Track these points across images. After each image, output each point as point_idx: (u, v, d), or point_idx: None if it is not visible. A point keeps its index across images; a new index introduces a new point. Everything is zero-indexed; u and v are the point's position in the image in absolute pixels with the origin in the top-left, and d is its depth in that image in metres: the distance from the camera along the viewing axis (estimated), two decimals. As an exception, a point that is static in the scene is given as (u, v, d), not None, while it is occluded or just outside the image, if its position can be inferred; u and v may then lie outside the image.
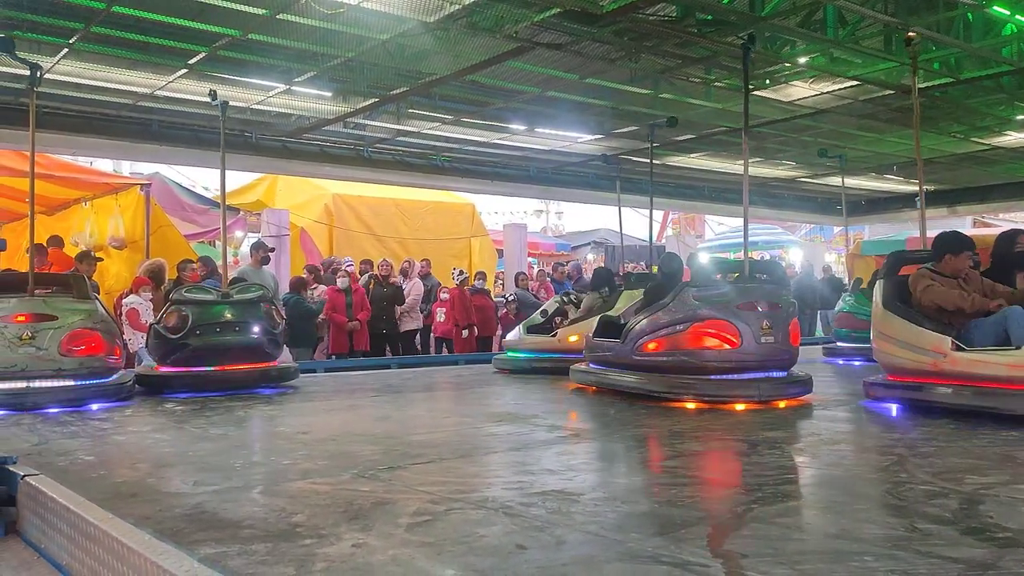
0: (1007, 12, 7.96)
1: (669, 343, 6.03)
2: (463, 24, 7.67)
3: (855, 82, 9.73)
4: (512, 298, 12.54)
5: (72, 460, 3.96)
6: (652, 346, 6.14)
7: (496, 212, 30.26)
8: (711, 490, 3.45)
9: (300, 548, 2.45)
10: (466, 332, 11.71)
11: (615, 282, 9.23)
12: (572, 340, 8.58)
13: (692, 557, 2.32)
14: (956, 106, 10.99)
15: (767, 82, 9.70)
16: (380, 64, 9.01)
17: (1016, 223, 22.85)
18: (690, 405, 5.69)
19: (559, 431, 4.99)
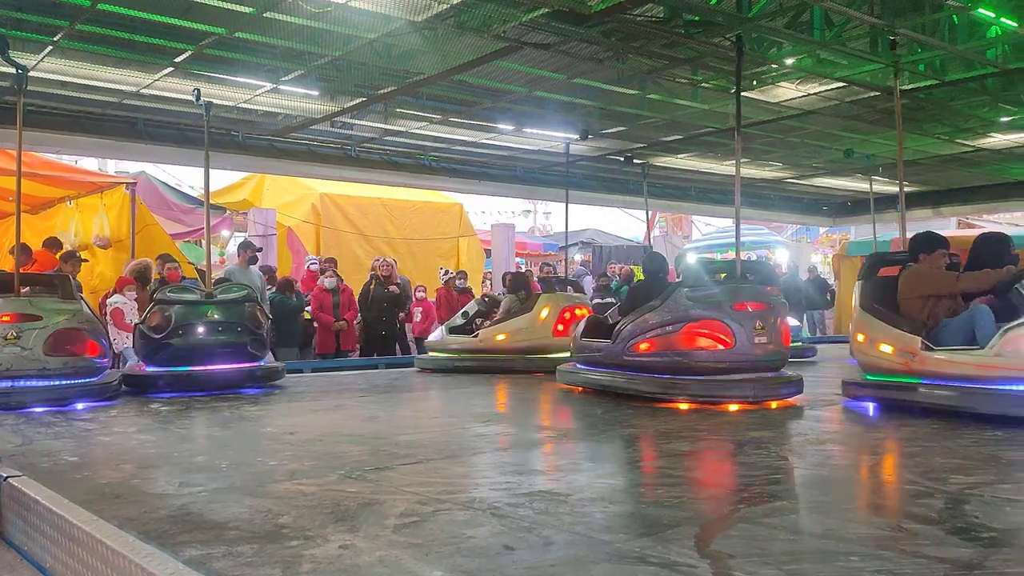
0: (992, 14, 8.01)
1: (661, 343, 5.98)
2: (451, 24, 7.67)
3: (841, 83, 9.78)
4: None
5: (56, 461, 3.92)
6: (644, 346, 6.08)
7: (484, 212, 30.27)
8: (699, 490, 3.45)
9: (286, 549, 2.44)
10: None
11: (529, 286, 9.55)
12: (498, 339, 8.85)
13: (679, 558, 2.32)
14: (941, 108, 11.06)
15: (754, 83, 9.74)
16: (368, 63, 9.00)
17: (999, 224, 23.05)
18: (682, 406, 5.65)
19: (547, 431, 4.99)
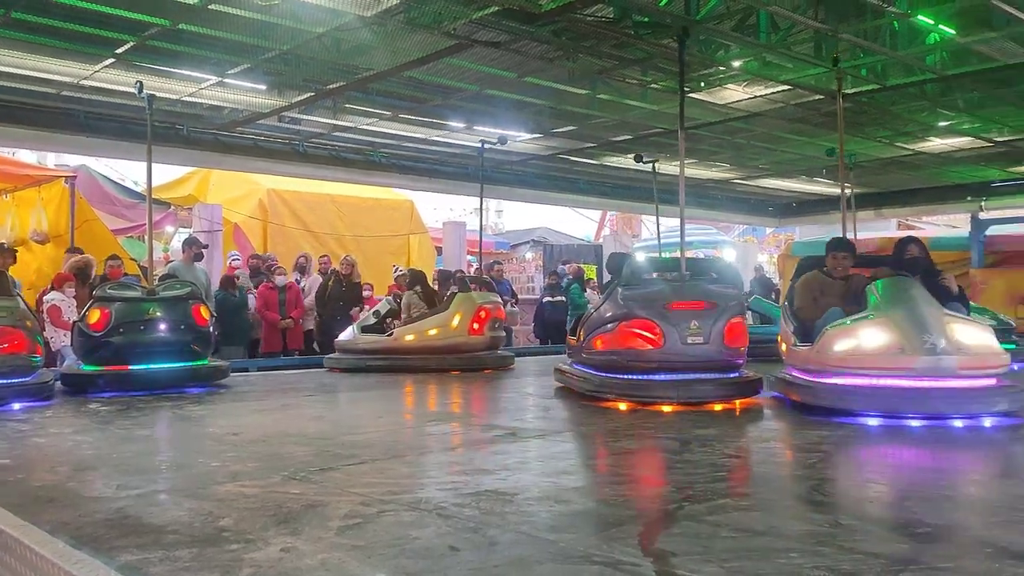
0: (931, 22, 8.21)
1: (604, 342, 5.98)
2: (401, 19, 7.60)
3: (786, 86, 9.95)
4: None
5: (-14, 464, 3.80)
6: (597, 344, 6.09)
7: (435, 209, 30.13)
8: (643, 489, 3.47)
9: (226, 553, 2.38)
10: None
11: (427, 282, 9.62)
12: (413, 338, 8.86)
13: (624, 556, 2.32)
14: (882, 112, 11.32)
15: (702, 84, 9.85)
16: (316, 58, 8.88)
17: (938, 226, 23.70)
18: (622, 406, 5.63)
19: (494, 430, 4.97)
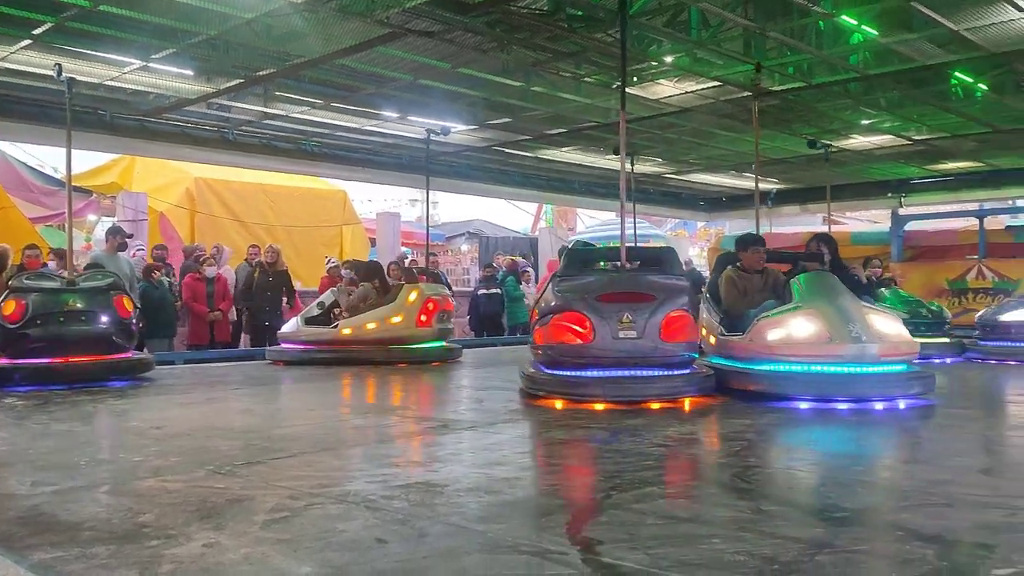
0: (855, 22, 8.46)
1: (540, 336, 5.76)
2: (333, 6, 7.49)
3: (716, 83, 10.13)
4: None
5: None
6: (537, 339, 5.86)
7: (370, 200, 29.85)
8: (572, 479, 3.51)
9: (146, 550, 2.33)
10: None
11: (382, 274, 9.49)
12: (359, 330, 8.79)
13: (551, 545, 2.34)
14: (808, 109, 11.63)
15: (635, 79, 9.95)
16: (246, 44, 8.70)
17: (861, 221, 24.46)
18: (558, 403, 5.41)
19: (426, 423, 4.97)
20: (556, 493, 3.13)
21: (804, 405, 5.19)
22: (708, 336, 6.36)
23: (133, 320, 7.12)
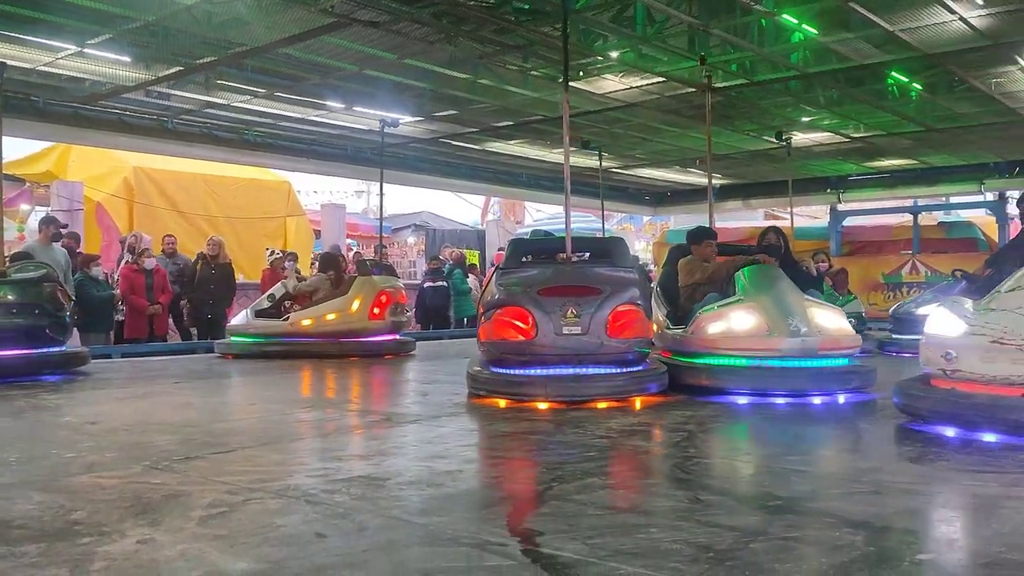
0: (795, 21, 8.62)
1: (483, 332, 5.50)
2: (276, -6, 7.38)
3: (661, 78, 10.23)
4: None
5: None
6: (481, 335, 5.58)
7: (315, 192, 29.50)
8: (515, 471, 3.53)
9: (77, 547, 2.28)
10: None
11: (340, 267, 9.39)
12: (311, 323, 8.70)
13: (491, 537, 2.36)
14: (750, 106, 11.82)
15: (580, 74, 10.00)
16: (186, 30, 8.49)
17: (800, 216, 24.95)
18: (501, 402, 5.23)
19: (370, 416, 4.94)
20: (498, 485, 3.14)
21: (742, 400, 5.21)
22: (655, 329, 6.34)
23: (67, 313, 6.93)
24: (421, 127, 13.06)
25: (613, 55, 9.44)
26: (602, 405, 5.00)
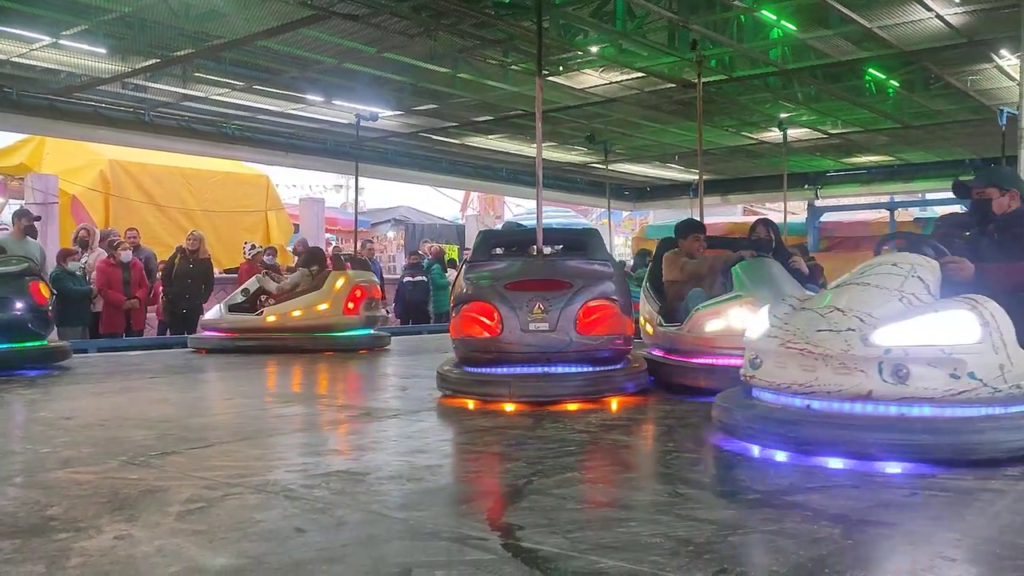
0: (774, 17, 8.68)
1: (452, 328, 5.22)
2: (255, -14, 7.33)
3: (641, 74, 10.26)
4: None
5: None
6: (451, 332, 5.28)
7: (294, 185, 29.29)
8: (494, 465, 3.52)
9: (53, 543, 2.25)
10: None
11: (323, 261, 9.36)
12: (285, 317, 8.63)
13: (471, 531, 2.36)
14: (730, 102, 11.88)
15: (560, 68, 10.01)
16: (162, 22, 8.42)
17: (778, 212, 25.11)
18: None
19: (349, 411, 4.92)
20: (478, 480, 3.14)
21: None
22: (646, 326, 6.15)
23: (48, 307, 6.85)
24: (400, 121, 13.03)
25: (593, 50, 9.45)
26: (571, 407, 4.73)
